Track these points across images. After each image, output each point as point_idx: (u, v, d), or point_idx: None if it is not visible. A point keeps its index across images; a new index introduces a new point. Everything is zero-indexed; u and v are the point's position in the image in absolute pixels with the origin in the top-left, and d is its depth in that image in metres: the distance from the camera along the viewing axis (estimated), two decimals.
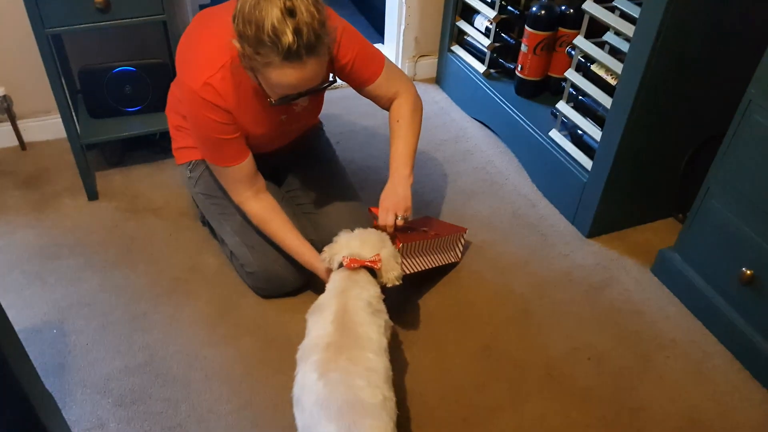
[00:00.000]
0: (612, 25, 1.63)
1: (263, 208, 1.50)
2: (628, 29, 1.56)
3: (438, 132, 2.27)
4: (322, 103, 1.64)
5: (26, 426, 1.01)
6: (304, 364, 1.15)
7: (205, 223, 1.76)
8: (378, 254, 1.34)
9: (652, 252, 1.76)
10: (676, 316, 1.63)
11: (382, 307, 1.30)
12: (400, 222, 1.47)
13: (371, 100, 1.58)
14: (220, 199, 1.58)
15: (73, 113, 1.89)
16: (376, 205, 1.51)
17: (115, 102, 1.93)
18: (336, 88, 1.38)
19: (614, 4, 1.62)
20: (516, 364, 1.49)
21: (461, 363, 1.49)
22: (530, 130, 2.01)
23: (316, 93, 1.35)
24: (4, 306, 1.02)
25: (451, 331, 1.56)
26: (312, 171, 1.72)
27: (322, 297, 1.30)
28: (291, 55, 1.18)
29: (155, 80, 1.93)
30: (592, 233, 1.84)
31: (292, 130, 1.61)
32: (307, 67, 1.22)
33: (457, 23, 2.34)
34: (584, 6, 1.74)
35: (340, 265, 1.33)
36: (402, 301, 1.61)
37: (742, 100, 1.39)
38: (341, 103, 2.38)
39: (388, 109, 1.59)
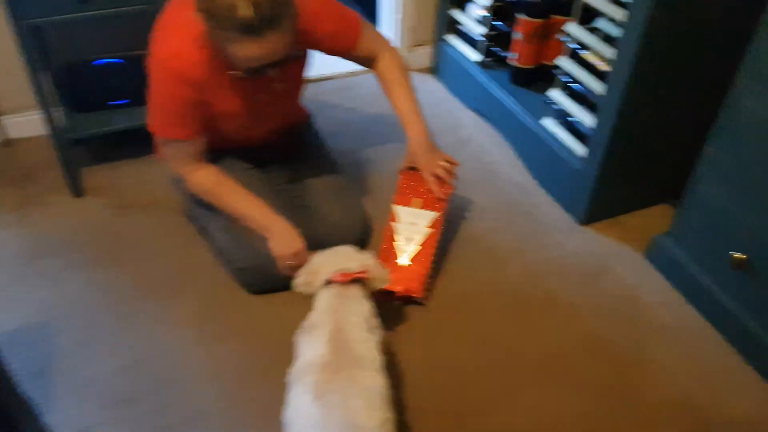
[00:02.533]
0: (604, 10, 1.60)
1: (211, 173, 1.47)
2: (620, 14, 1.53)
3: (433, 122, 2.20)
4: (301, 84, 1.60)
5: None
6: (297, 386, 1.09)
7: (193, 219, 1.73)
8: (365, 263, 1.29)
9: (646, 238, 1.73)
10: (671, 302, 1.61)
11: (377, 322, 1.26)
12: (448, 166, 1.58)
13: (351, 61, 1.59)
14: None
15: (59, 108, 1.85)
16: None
17: (101, 95, 1.89)
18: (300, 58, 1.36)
19: None
20: (511, 354, 1.47)
21: (455, 354, 1.47)
22: (524, 118, 1.98)
23: (285, 65, 1.32)
24: None
25: (446, 322, 1.54)
26: (303, 164, 1.69)
27: (312, 316, 1.23)
28: (249, 30, 1.16)
29: (142, 72, 1.88)
30: (586, 220, 1.81)
31: (273, 113, 1.55)
32: (268, 41, 1.20)
33: (450, 12, 2.30)
34: None
35: (328, 283, 1.27)
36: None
37: (731, 85, 1.37)
38: (336, 93, 2.34)
39: (369, 66, 1.61)
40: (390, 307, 1.53)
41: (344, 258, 1.31)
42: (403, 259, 1.56)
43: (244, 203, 1.49)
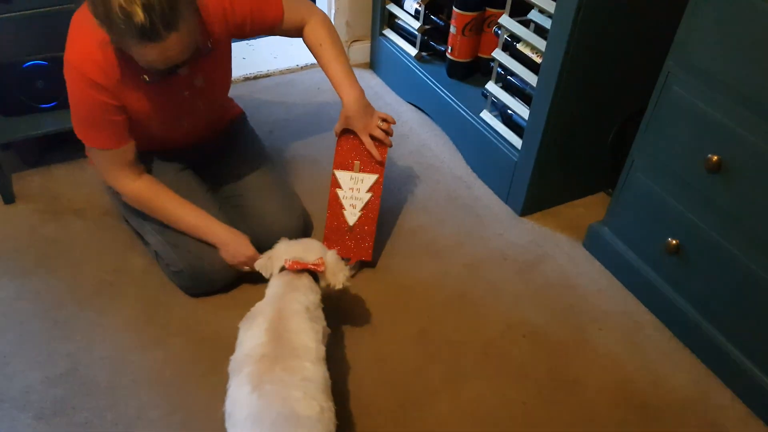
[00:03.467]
0: (534, 2, 1.62)
1: (147, 184, 1.44)
2: (550, 6, 1.55)
3: None
4: (228, 75, 1.56)
5: None
6: (236, 378, 1.10)
7: (128, 222, 1.69)
8: (321, 258, 1.32)
9: (584, 227, 1.78)
10: (608, 289, 1.66)
11: (320, 314, 1.27)
12: (384, 126, 1.58)
13: (281, 36, 1.57)
14: None
15: None
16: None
17: (27, 98, 1.82)
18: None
19: None
20: (453, 345, 1.49)
21: (398, 349, 1.47)
22: (462, 111, 2.00)
23: (196, 60, 1.29)
24: None
25: (387, 318, 1.54)
26: (237, 162, 1.66)
27: (258, 304, 1.25)
28: (147, 34, 1.12)
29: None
30: (525, 211, 1.85)
31: (201, 108, 1.51)
32: (168, 43, 1.16)
33: (387, 6, 2.31)
34: None
35: (282, 270, 1.31)
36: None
37: (660, 72, 1.41)
38: (274, 91, 2.32)
39: (298, 36, 1.58)
40: (333, 300, 1.54)
41: (304, 249, 1.34)
42: (350, 226, 1.60)
43: (185, 215, 1.46)
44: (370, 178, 1.61)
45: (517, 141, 1.79)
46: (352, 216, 1.60)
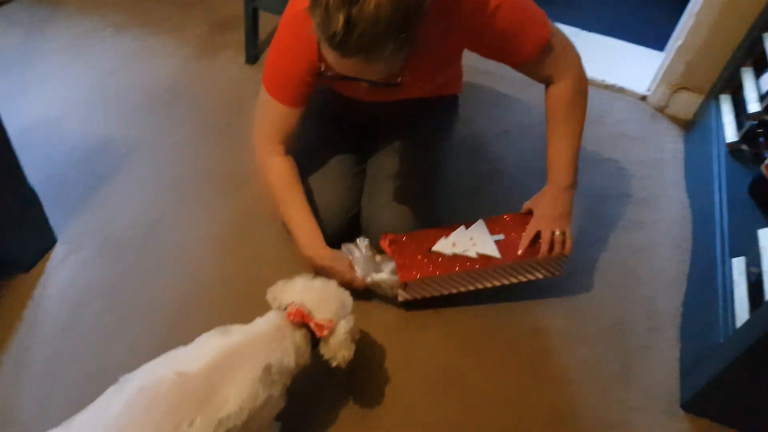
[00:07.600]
0: None
1: (289, 169, 1.32)
2: None
3: (633, 174, 1.77)
4: (437, 77, 1.37)
5: None
6: (133, 378, 0.92)
7: None
8: (331, 320, 1.06)
9: None
10: None
11: (283, 382, 1.02)
12: (559, 237, 1.31)
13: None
14: None
15: None
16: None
17: None
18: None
19: None
20: None
21: None
22: (718, 240, 1.42)
23: (377, 86, 1.12)
24: None
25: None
26: (393, 142, 1.47)
27: (247, 325, 1.04)
28: (334, 44, 0.98)
29: None
30: (690, 404, 1.25)
31: (390, 94, 1.37)
32: (350, 62, 1.01)
33: (742, 68, 1.72)
34: None
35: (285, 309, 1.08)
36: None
37: None
38: (529, 90, 1.91)
39: (540, 82, 1.33)
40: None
41: (321, 298, 1.09)
42: (431, 249, 1.34)
43: (299, 216, 1.33)
44: (489, 250, 1.33)
45: (743, 314, 1.21)
46: (441, 246, 1.34)
